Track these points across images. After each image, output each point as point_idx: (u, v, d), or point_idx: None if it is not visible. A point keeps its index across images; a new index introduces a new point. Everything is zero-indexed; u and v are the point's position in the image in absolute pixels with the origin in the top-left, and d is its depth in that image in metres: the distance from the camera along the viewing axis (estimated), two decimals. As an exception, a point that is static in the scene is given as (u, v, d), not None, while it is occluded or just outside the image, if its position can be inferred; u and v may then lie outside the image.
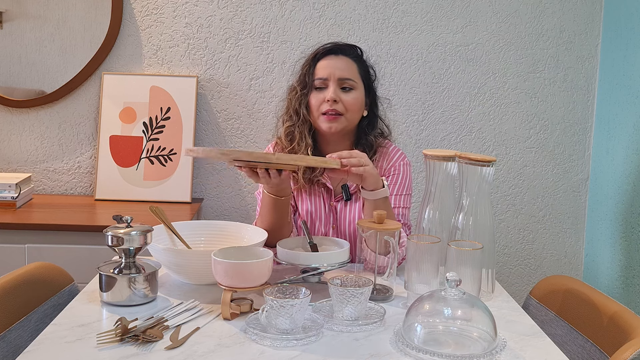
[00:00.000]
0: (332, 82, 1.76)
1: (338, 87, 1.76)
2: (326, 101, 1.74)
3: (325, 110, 1.74)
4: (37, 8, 2.55)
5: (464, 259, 1.41)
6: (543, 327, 1.46)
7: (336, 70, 1.76)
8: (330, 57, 1.79)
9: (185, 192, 2.55)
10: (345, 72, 1.77)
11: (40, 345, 1.21)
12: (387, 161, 1.83)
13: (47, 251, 2.13)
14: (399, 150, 1.86)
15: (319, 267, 1.50)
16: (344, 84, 1.76)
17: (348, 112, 1.76)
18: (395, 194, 1.79)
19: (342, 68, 1.77)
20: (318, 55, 1.80)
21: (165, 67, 2.62)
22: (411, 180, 1.84)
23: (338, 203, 1.81)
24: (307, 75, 1.79)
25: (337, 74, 1.76)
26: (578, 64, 2.68)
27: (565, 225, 2.77)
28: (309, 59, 1.82)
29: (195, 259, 1.49)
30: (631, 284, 2.40)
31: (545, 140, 2.72)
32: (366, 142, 1.82)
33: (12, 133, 2.62)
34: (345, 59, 1.79)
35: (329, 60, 1.79)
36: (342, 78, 1.76)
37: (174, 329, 1.28)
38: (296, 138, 1.79)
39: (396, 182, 1.80)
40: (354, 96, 1.77)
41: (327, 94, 1.75)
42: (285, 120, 1.83)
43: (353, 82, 1.77)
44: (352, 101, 1.77)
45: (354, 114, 1.78)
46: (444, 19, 2.64)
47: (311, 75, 1.79)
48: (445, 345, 1.21)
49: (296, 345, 1.22)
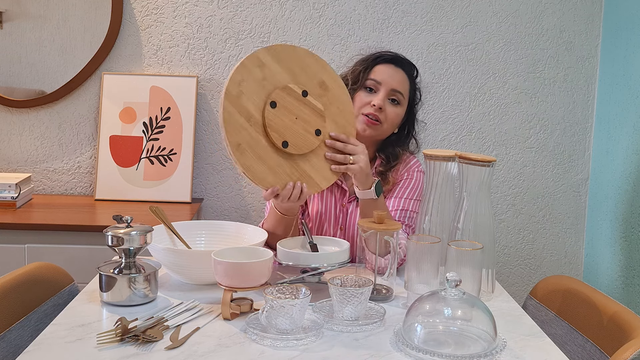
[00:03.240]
0: (383, 89, 1.77)
1: (387, 97, 1.77)
2: (371, 105, 1.76)
3: (367, 112, 1.76)
4: (37, 8, 2.55)
5: (464, 259, 1.41)
6: (543, 327, 1.46)
7: (392, 81, 1.78)
8: (390, 66, 1.81)
9: (185, 192, 2.55)
10: (400, 85, 1.79)
11: (40, 345, 1.21)
12: (404, 167, 1.85)
13: (47, 251, 2.13)
14: (414, 158, 1.89)
15: (319, 267, 1.50)
16: (393, 96, 1.78)
17: (387, 122, 1.78)
18: (406, 197, 1.80)
19: (398, 80, 1.79)
20: (379, 58, 1.82)
21: (165, 67, 2.62)
22: (422, 188, 1.84)
23: (350, 204, 1.82)
24: (362, 73, 1.81)
25: (392, 84, 1.78)
26: (578, 64, 2.68)
27: (565, 225, 2.77)
28: (368, 59, 1.83)
29: (195, 259, 1.49)
30: (631, 284, 2.40)
31: (545, 140, 2.72)
32: (393, 151, 1.84)
33: (12, 133, 2.62)
34: (403, 74, 1.81)
35: (388, 68, 1.80)
36: (394, 90, 1.78)
37: (174, 329, 1.28)
38: None
39: (408, 186, 1.81)
40: (398, 112, 1.80)
41: (375, 99, 1.76)
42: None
43: (402, 97, 1.80)
44: (394, 115, 1.79)
45: (391, 127, 1.81)
46: (444, 19, 2.64)
47: (366, 74, 1.80)
48: (445, 345, 1.21)
49: (296, 345, 1.22)
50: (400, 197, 1.79)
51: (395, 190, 1.81)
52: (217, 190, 2.68)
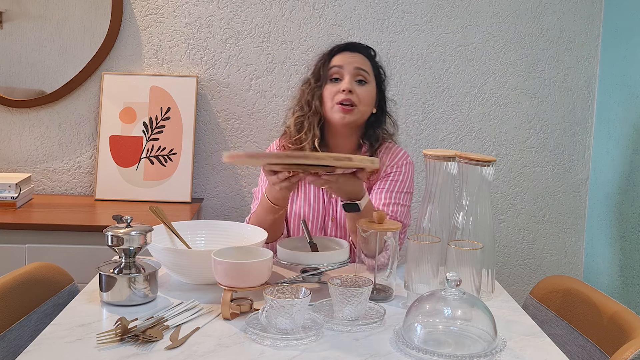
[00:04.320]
0: (347, 73, 1.79)
1: (353, 79, 1.79)
2: (341, 91, 1.77)
3: (340, 100, 1.77)
4: (37, 8, 2.55)
5: (464, 259, 1.41)
6: (543, 327, 1.46)
7: (352, 62, 1.80)
8: (346, 53, 1.83)
9: (185, 192, 2.55)
10: (361, 64, 1.81)
11: (40, 345, 1.21)
12: (390, 159, 1.84)
13: (47, 251, 2.13)
14: (402, 150, 1.88)
15: (319, 267, 1.50)
16: (359, 76, 1.80)
17: (361, 104, 1.79)
18: (394, 190, 1.80)
19: (357, 61, 1.81)
20: (334, 50, 1.85)
21: (165, 67, 2.62)
22: (412, 179, 1.85)
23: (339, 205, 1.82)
24: (322, 69, 1.83)
25: (354, 63, 1.80)
26: (578, 64, 2.68)
27: (565, 225, 2.77)
28: (324, 54, 1.86)
29: (195, 259, 1.49)
30: (631, 284, 2.39)
31: (545, 140, 2.72)
32: (374, 134, 1.84)
33: (12, 133, 2.62)
34: (360, 56, 1.84)
35: (345, 55, 1.83)
36: (358, 68, 1.80)
37: (174, 329, 1.28)
38: (304, 128, 1.81)
39: (398, 180, 1.82)
40: (368, 89, 1.81)
41: (343, 85, 1.78)
42: (296, 110, 1.86)
43: (367, 75, 1.81)
44: (366, 94, 1.80)
45: (367, 107, 1.81)
46: (444, 19, 2.64)
47: (326, 67, 1.82)
48: (445, 345, 1.21)
49: (296, 345, 1.22)
50: (392, 190, 1.80)
51: (386, 183, 1.81)
52: (217, 190, 2.68)
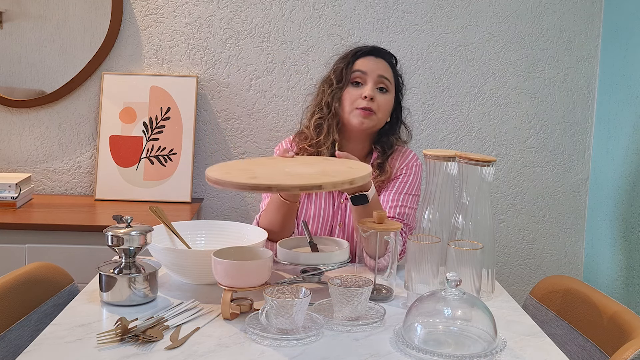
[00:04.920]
0: (370, 79, 1.79)
1: (375, 86, 1.79)
2: (363, 98, 1.77)
3: (361, 106, 1.77)
4: (37, 8, 2.55)
5: (464, 259, 1.41)
6: (543, 327, 1.46)
7: (376, 69, 1.80)
8: (371, 58, 1.83)
9: (185, 192, 2.55)
10: (384, 71, 1.81)
11: (40, 345, 1.21)
12: (401, 161, 1.85)
13: (47, 251, 2.13)
14: (413, 152, 1.89)
15: (319, 267, 1.50)
16: (381, 83, 1.80)
17: (380, 112, 1.79)
18: (402, 192, 1.80)
19: (382, 68, 1.81)
20: (359, 53, 1.84)
21: (165, 67, 2.62)
22: (420, 182, 1.85)
23: (348, 201, 1.81)
24: (344, 70, 1.82)
25: (378, 71, 1.80)
26: (578, 64, 2.68)
27: (565, 225, 2.77)
28: (348, 55, 1.84)
29: (195, 259, 1.49)
30: (631, 284, 2.39)
31: (545, 140, 2.72)
32: (387, 141, 1.85)
33: (12, 133, 2.62)
34: (384, 62, 1.83)
35: (369, 60, 1.82)
36: (381, 75, 1.80)
37: (174, 329, 1.28)
38: (324, 131, 1.81)
39: (406, 182, 1.82)
40: (388, 98, 1.81)
41: (365, 91, 1.77)
42: (316, 112, 1.85)
43: (389, 84, 1.81)
44: (385, 103, 1.80)
45: (384, 115, 1.82)
46: (444, 19, 2.64)
47: (349, 70, 1.81)
48: (445, 345, 1.21)
49: (296, 345, 1.22)
50: (400, 192, 1.80)
51: (394, 185, 1.81)
52: (217, 190, 2.68)
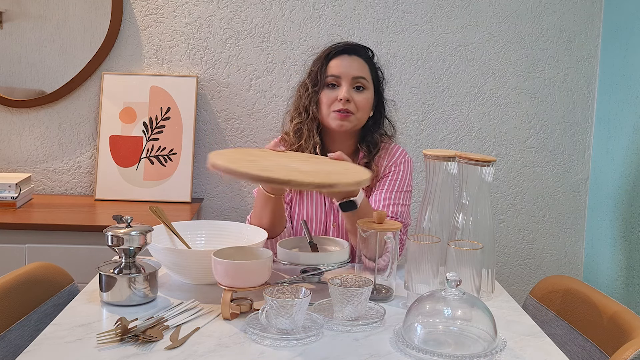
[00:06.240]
0: (345, 81, 1.77)
1: (350, 87, 1.77)
2: (339, 100, 1.76)
3: (337, 109, 1.76)
4: (37, 8, 2.55)
5: (464, 259, 1.41)
6: (543, 327, 1.46)
7: (350, 70, 1.78)
8: (344, 57, 1.81)
9: (185, 192, 2.55)
10: (359, 71, 1.79)
11: (40, 345, 1.21)
12: (389, 159, 1.84)
13: (47, 251, 2.13)
14: (400, 148, 1.87)
15: (319, 267, 1.50)
16: (357, 83, 1.78)
17: (359, 111, 1.78)
18: (393, 189, 1.79)
19: (356, 68, 1.79)
20: (331, 53, 1.81)
21: (165, 67, 2.62)
22: (411, 177, 1.85)
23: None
24: (319, 73, 1.80)
25: (351, 72, 1.78)
26: (578, 64, 2.68)
27: (565, 225, 2.77)
28: (321, 57, 1.83)
29: (195, 259, 1.49)
30: (631, 284, 2.39)
31: (545, 140, 2.72)
32: (372, 139, 1.83)
33: (12, 133, 2.62)
34: (358, 59, 1.81)
35: (342, 60, 1.80)
36: (355, 77, 1.78)
37: (174, 329, 1.28)
38: (304, 135, 1.80)
39: (396, 179, 1.81)
40: (366, 96, 1.79)
41: (340, 93, 1.76)
42: (294, 117, 1.84)
43: (365, 82, 1.79)
44: (364, 101, 1.78)
45: (364, 113, 1.80)
46: (444, 19, 2.64)
47: (323, 73, 1.79)
48: (445, 345, 1.21)
49: (296, 345, 1.22)
50: (392, 190, 1.79)
51: (385, 183, 1.80)
52: (217, 190, 2.68)
